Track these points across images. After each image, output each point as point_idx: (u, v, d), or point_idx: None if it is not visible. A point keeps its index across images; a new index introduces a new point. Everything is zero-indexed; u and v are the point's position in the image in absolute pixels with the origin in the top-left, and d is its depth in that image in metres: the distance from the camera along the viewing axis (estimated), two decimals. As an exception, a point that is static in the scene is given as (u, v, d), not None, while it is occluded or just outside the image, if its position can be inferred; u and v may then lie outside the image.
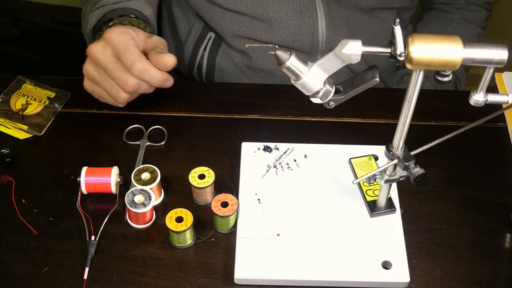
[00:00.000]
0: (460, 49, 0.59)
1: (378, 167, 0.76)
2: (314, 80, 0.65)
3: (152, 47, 0.84)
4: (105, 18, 0.92)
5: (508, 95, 0.65)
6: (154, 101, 0.94)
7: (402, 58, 0.60)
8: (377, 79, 0.66)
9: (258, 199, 0.80)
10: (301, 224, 0.78)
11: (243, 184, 0.82)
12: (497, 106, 0.86)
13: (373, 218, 0.79)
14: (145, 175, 0.80)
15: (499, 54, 0.60)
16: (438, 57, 0.59)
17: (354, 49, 0.62)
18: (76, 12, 1.16)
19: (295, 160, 0.85)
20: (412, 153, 0.69)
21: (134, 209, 0.76)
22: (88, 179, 0.80)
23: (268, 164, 0.84)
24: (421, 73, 0.62)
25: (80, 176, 0.80)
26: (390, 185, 0.76)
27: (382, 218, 0.79)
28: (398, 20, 0.61)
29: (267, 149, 0.86)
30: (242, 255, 0.74)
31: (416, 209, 0.82)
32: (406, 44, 0.60)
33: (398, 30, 0.61)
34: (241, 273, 0.73)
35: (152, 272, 0.74)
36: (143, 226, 0.79)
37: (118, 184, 0.81)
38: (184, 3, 1.11)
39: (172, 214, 0.75)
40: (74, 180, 0.82)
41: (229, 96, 0.96)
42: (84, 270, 0.73)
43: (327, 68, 0.65)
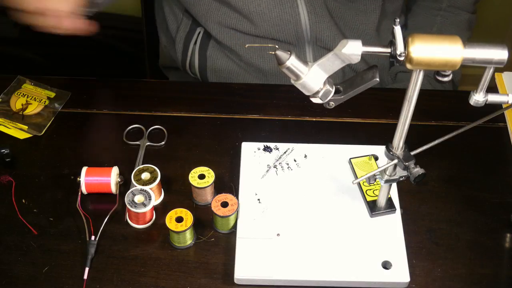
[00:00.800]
0: (460, 49, 0.59)
1: (378, 167, 0.76)
2: (314, 80, 0.65)
3: None
4: None
5: (508, 95, 0.65)
6: (154, 101, 0.94)
7: (402, 58, 0.60)
8: (377, 79, 0.66)
9: (258, 199, 0.80)
10: (301, 224, 0.78)
11: (243, 184, 0.82)
12: (497, 106, 0.86)
13: (373, 218, 0.79)
14: (145, 175, 0.80)
15: (499, 54, 0.60)
16: (438, 57, 0.59)
17: (354, 49, 0.62)
18: (76, 12, 1.16)
19: (295, 160, 0.85)
20: (412, 153, 0.69)
21: (134, 209, 0.76)
22: (88, 179, 0.80)
23: (268, 164, 0.84)
24: (421, 73, 0.62)
25: (80, 176, 0.80)
26: (390, 185, 0.76)
27: (382, 218, 0.79)
28: (398, 20, 0.61)
29: (267, 149, 0.86)
30: (242, 255, 0.74)
31: (416, 209, 0.82)
32: (406, 44, 0.60)
33: (398, 30, 0.61)
34: (241, 273, 0.73)
35: (152, 272, 0.74)
36: (143, 226, 0.79)
37: (118, 184, 0.81)
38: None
39: (172, 214, 0.75)
40: (74, 180, 0.82)
41: (229, 96, 0.96)
42: (84, 270, 0.73)
43: (327, 68, 0.65)
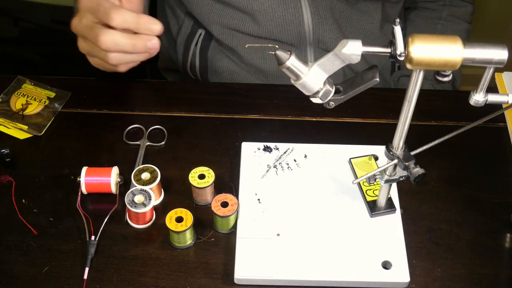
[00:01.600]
0: (460, 49, 0.59)
1: (378, 167, 0.76)
2: (314, 80, 0.65)
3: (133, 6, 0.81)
4: None
5: (508, 95, 0.65)
6: (154, 101, 0.94)
7: (402, 58, 0.60)
8: (377, 79, 0.66)
9: (258, 199, 0.80)
10: (301, 224, 0.78)
11: (243, 184, 0.82)
12: (497, 106, 0.86)
13: (373, 218, 0.79)
14: (145, 175, 0.80)
15: (499, 54, 0.60)
16: (438, 57, 0.59)
17: (354, 49, 0.62)
18: (76, 12, 1.16)
19: (295, 160, 0.85)
20: (412, 153, 0.69)
21: (134, 209, 0.76)
22: (88, 179, 0.80)
23: (268, 164, 0.84)
24: (421, 73, 0.62)
25: (80, 176, 0.80)
26: (390, 185, 0.76)
27: (382, 218, 0.79)
28: (398, 20, 0.61)
29: (267, 149, 0.86)
30: (242, 255, 0.74)
31: (416, 209, 0.82)
32: (406, 44, 0.60)
33: (398, 30, 0.61)
34: (241, 273, 0.73)
35: (152, 272, 0.74)
36: (143, 226, 0.79)
37: (118, 184, 0.81)
38: (173, 0, 1.11)
39: (172, 214, 0.75)
40: (74, 180, 0.82)
41: (229, 96, 0.96)
42: (84, 270, 0.73)
43: (327, 68, 0.65)
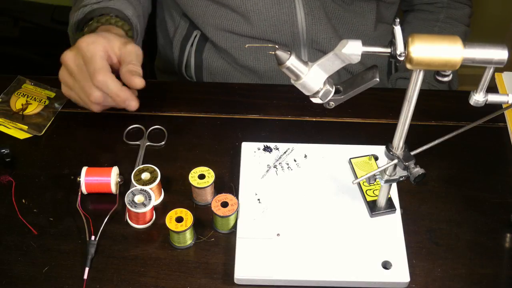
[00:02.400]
0: (460, 49, 0.59)
1: (378, 167, 0.76)
2: (314, 80, 0.65)
3: (126, 58, 0.83)
4: (87, 18, 0.93)
5: (508, 95, 0.65)
6: (154, 101, 0.94)
7: (402, 58, 0.60)
8: (377, 79, 0.66)
9: (258, 199, 0.80)
10: (301, 224, 0.78)
11: (243, 184, 0.82)
12: (497, 106, 0.86)
13: (373, 218, 0.79)
14: (145, 175, 0.80)
15: (499, 54, 0.60)
16: (438, 57, 0.59)
17: (354, 49, 0.62)
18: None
19: (295, 160, 0.85)
20: (412, 153, 0.69)
21: (134, 209, 0.76)
22: (88, 179, 0.80)
23: (268, 164, 0.84)
24: (421, 73, 0.62)
25: (80, 176, 0.80)
26: (390, 185, 0.76)
27: (382, 218, 0.79)
28: (398, 20, 0.61)
29: (267, 149, 0.86)
30: (242, 255, 0.74)
31: (416, 209, 0.82)
32: (406, 44, 0.60)
33: (398, 30, 0.61)
34: (241, 273, 0.73)
35: (152, 272, 0.74)
36: (143, 226, 0.79)
37: (118, 184, 0.81)
38: (170, 2, 1.11)
39: (172, 214, 0.75)
40: (74, 180, 0.82)
41: (229, 96, 0.96)
42: (84, 270, 0.73)
43: (327, 68, 0.65)
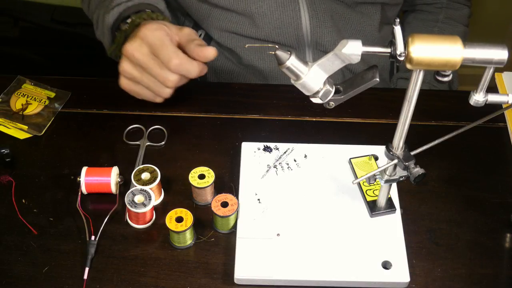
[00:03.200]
0: (460, 49, 0.59)
1: (378, 167, 0.76)
2: (314, 80, 0.65)
3: (187, 39, 0.85)
4: (121, 16, 0.93)
5: (508, 95, 0.65)
6: (154, 101, 0.94)
7: (402, 58, 0.60)
8: (377, 79, 0.66)
9: (258, 199, 0.80)
10: (301, 224, 0.78)
11: (243, 184, 0.82)
12: (497, 106, 0.86)
13: (373, 218, 0.79)
14: (145, 175, 0.80)
15: (499, 54, 0.60)
16: (438, 57, 0.59)
17: (354, 49, 0.62)
18: (76, 12, 1.17)
19: (295, 160, 0.85)
20: (412, 153, 0.69)
21: (134, 209, 0.76)
22: (88, 179, 0.80)
23: (268, 164, 0.84)
24: (421, 73, 0.62)
25: (80, 176, 0.80)
26: (390, 185, 0.76)
27: (382, 218, 0.79)
28: (398, 20, 0.61)
29: (267, 149, 0.86)
30: (242, 255, 0.74)
31: (416, 209, 0.82)
32: (406, 44, 0.60)
33: (398, 30, 0.61)
34: (241, 273, 0.73)
35: (152, 272, 0.74)
36: (143, 226, 0.79)
37: (118, 184, 0.81)
38: (174, 2, 1.12)
39: (172, 214, 0.75)
40: (74, 180, 0.82)
41: (229, 96, 0.96)
42: (84, 270, 0.73)
43: (327, 68, 0.65)
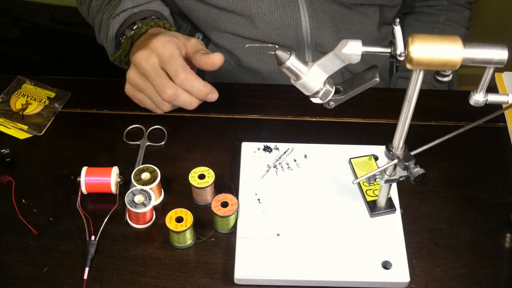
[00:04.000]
0: (460, 49, 0.59)
1: (378, 167, 0.76)
2: (314, 80, 0.65)
3: (194, 50, 0.87)
4: (127, 23, 0.94)
5: (508, 95, 0.65)
6: (154, 101, 0.94)
7: (402, 58, 0.60)
8: (377, 79, 0.66)
9: (258, 199, 0.80)
10: (301, 224, 0.78)
11: (243, 184, 0.82)
12: (497, 106, 0.86)
13: (373, 218, 0.79)
14: (145, 175, 0.80)
15: (499, 54, 0.60)
16: (438, 57, 0.59)
17: (354, 49, 0.62)
18: (76, 12, 1.17)
19: (295, 160, 0.85)
20: (412, 153, 0.69)
21: (134, 209, 0.76)
22: (88, 179, 0.80)
23: (268, 164, 0.84)
24: (421, 73, 0.62)
25: (80, 176, 0.80)
26: (390, 185, 0.76)
27: (382, 218, 0.79)
28: (398, 20, 0.61)
29: (267, 149, 0.86)
30: (242, 255, 0.74)
31: (416, 209, 0.82)
32: (406, 44, 0.60)
33: (398, 30, 0.61)
34: (241, 273, 0.73)
35: (152, 272, 0.74)
36: (143, 226, 0.79)
37: (118, 184, 0.81)
38: (171, 4, 1.12)
39: (172, 214, 0.75)
40: (74, 180, 0.82)
41: (229, 96, 0.96)
42: (84, 270, 0.73)
43: (327, 68, 0.65)
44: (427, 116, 0.93)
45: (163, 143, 0.88)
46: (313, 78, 0.65)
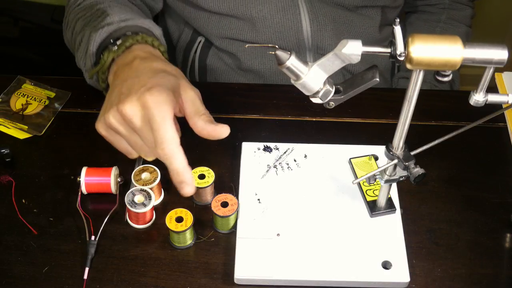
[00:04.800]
0: (460, 49, 0.59)
1: (378, 167, 0.76)
2: (314, 80, 0.65)
3: (192, 110, 0.75)
4: (112, 37, 0.82)
5: (508, 95, 0.65)
6: (154, 101, 0.94)
7: (402, 58, 0.60)
8: (377, 79, 0.66)
9: (258, 199, 0.80)
10: (301, 224, 0.78)
11: (243, 184, 0.82)
12: (497, 106, 0.86)
13: (373, 218, 0.79)
14: (145, 175, 0.80)
15: (499, 54, 0.60)
16: (438, 57, 0.59)
17: (354, 49, 0.62)
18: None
19: (295, 160, 0.85)
20: (412, 153, 0.69)
21: (134, 209, 0.76)
22: (88, 179, 0.80)
23: (268, 164, 0.84)
24: (421, 73, 0.62)
25: (80, 176, 0.80)
26: (390, 185, 0.76)
27: (382, 218, 0.79)
28: (398, 20, 0.61)
29: (267, 149, 0.86)
30: (242, 255, 0.74)
31: (416, 209, 0.82)
32: (406, 44, 0.60)
33: (398, 30, 0.61)
34: (241, 273, 0.73)
35: (152, 272, 0.74)
36: (143, 226, 0.79)
37: (118, 184, 0.81)
38: (173, 11, 1.12)
39: (172, 214, 0.75)
40: (74, 180, 0.82)
41: (229, 96, 0.96)
42: (84, 270, 0.73)
43: (327, 68, 0.65)
44: (427, 116, 0.93)
45: (163, 143, 0.88)
46: (313, 78, 0.65)
